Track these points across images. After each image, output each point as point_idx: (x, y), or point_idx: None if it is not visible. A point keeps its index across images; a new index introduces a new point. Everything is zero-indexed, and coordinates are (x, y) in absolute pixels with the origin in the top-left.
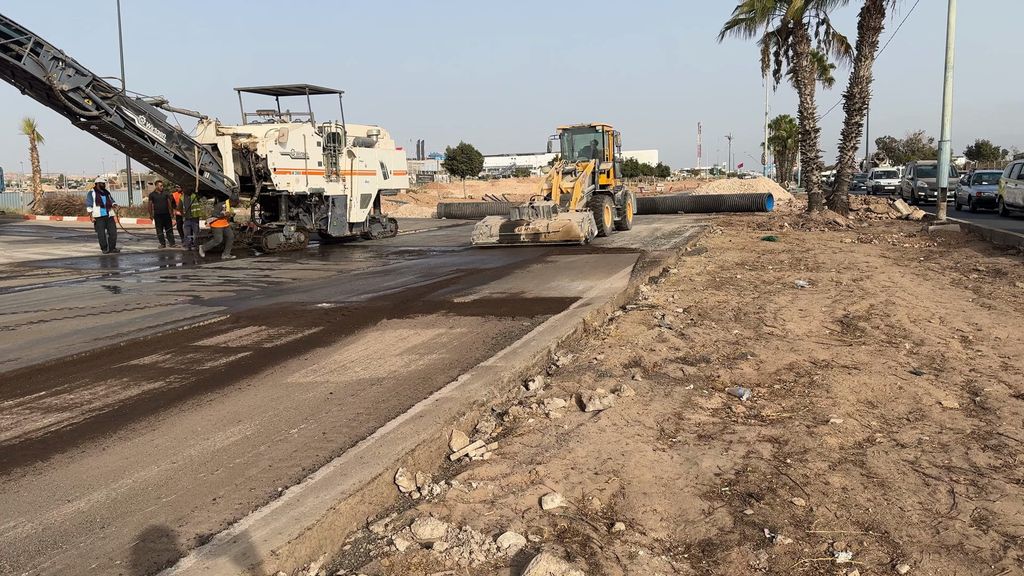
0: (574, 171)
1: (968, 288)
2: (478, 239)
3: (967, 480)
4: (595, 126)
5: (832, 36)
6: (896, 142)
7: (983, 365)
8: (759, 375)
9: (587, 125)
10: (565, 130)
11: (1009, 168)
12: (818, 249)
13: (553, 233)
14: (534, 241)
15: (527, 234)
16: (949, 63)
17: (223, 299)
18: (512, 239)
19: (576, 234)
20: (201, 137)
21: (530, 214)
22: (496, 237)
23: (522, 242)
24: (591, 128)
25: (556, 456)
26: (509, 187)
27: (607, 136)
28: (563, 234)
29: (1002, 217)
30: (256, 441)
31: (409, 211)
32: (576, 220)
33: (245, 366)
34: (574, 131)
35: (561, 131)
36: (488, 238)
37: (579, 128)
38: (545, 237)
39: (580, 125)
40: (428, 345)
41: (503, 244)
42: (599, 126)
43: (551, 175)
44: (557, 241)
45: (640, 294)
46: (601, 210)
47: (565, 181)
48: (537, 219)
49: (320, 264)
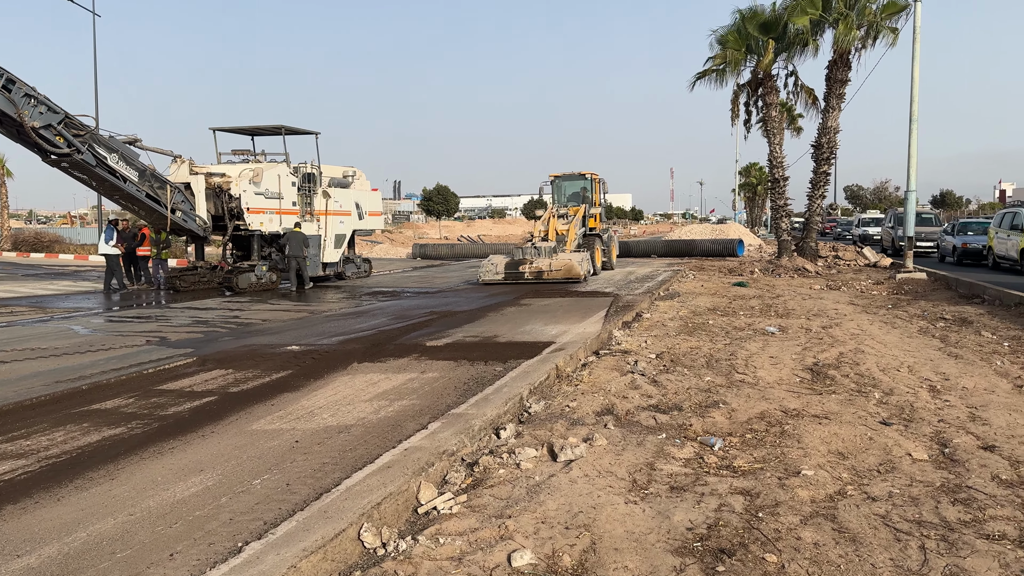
0: (567, 215)
1: (935, 336)
2: (484, 276)
3: (938, 535)
4: (584, 174)
5: (800, 88)
6: (864, 190)
7: (951, 415)
8: (731, 424)
9: (577, 173)
10: (556, 177)
11: (999, 217)
12: (788, 295)
13: (556, 271)
14: (537, 279)
15: (531, 272)
16: (913, 116)
17: (190, 340)
18: (517, 276)
19: (577, 272)
20: (174, 176)
21: (533, 253)
22: (502, 274)
23: (526, 279)
24: (580, 176)
25: (526, 509)
26: (485, 228)
27: (594, 183)
28: (564, 272)
29: (992, 270)
30: (217, 492)
31: (384, 251)
32: (576, 260)
33: (210, 412)
34: (564, 178)
35: (553, 178)
36: (495, 275)
37: (569, 176)
38: (548, 275)
39: (570, 173)
40: (399, 390)
41: (508, 281)
42: (588, 174)
43: (546, 218)
44: (559, 279)
45: (613, 339)
46: (593, 251)
47: (560, 224)
48: (540, 258)
49: (291, 305)
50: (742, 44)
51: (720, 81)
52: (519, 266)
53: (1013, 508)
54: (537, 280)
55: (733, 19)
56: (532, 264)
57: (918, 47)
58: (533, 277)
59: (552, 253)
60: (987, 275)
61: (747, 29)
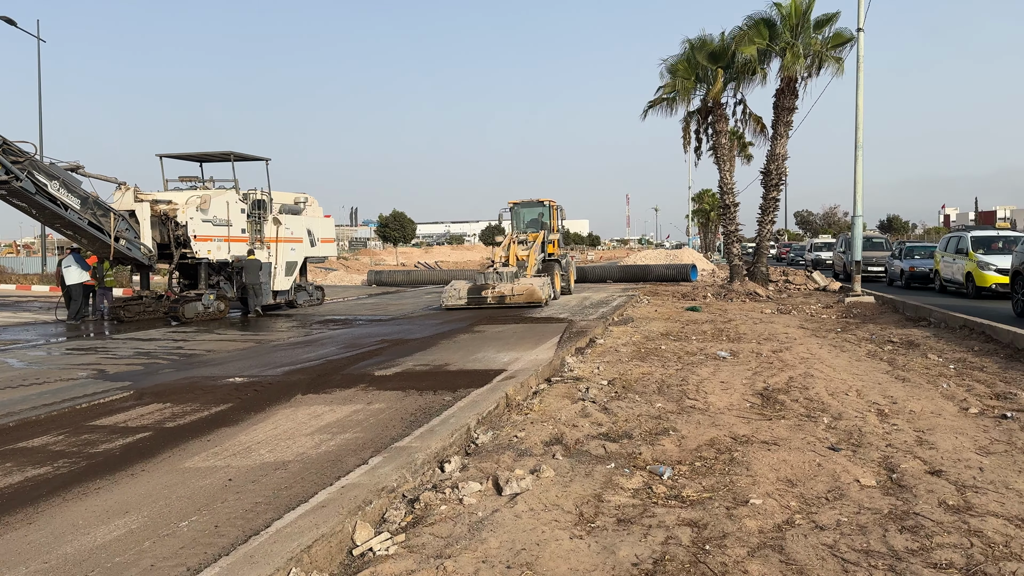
0: (526, 241)
1: (883, 360)
2: (447, 301)
3: (885, 565)
4: (542, 200)
5: (749, 116)
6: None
7: (899, 440)
8: (681, 452)
9: (535, 200)
10: (515, 204)
11: (944, 241)
12: (739, 320)
13: (518, 296)
14: (499, 303)
15: (493, 296)
16: (859, 143)
17: (130, 373)
18: (480, 300)
19: (539, 296)
20: (119, 203)
21: (495, 278)
22: (464, 299)
23: (488, 303)
24: (539, 202)
25: (467, 548)
26: (443, 254)
27: (552, 210)
28: (527, 296)
29: (939, 294)
30: (141, 536)
31: (339, 278)
32: (538, 284)
33: (142, 448)
34: (523, 205)
35: (512, 205)
36: (457, 300)
37: (527, 202)
38: (511, 299)
39: (529, 200)
40: (342, 423)
41: (471, 306)
42: (546, 200)
43: (506, 244)
44: (521, 303)
45: (566, 366)
46: (552, 276)
47: (520, 250)
48: (502, 283)
49: (238, 334)
50: (692, 73)
51: (671, 109)
52: (482, 291)
53: (959, 535)
54: (500, 304)
55: (683, 48)
56: (495, 289)
57: (862, 76)
58: (496, 301)
59: (514, 278)
60: (934, 298)
61: (696, 58)
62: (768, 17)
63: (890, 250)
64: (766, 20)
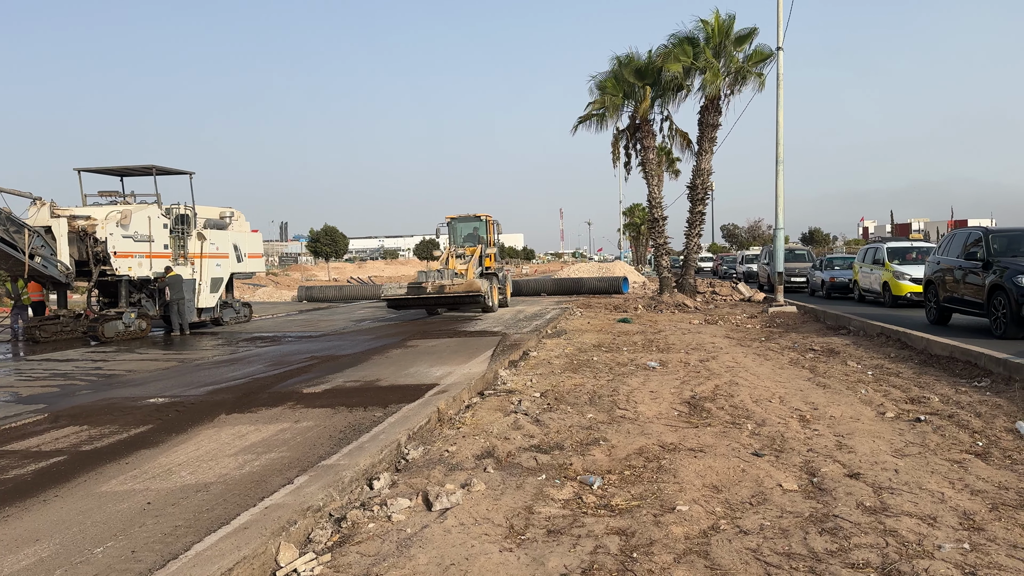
0: (464, 255)
1: (805, 367)
2: (387, 292)
3: (806, 567)
4: (479, 215)
5: (675, 132)
6: (739, 229)
7: (820, 445)
8: (610, 461)
9: (472, 215)
10: (452, 219)
11: (862, 252)
12: (669, 330)
13: (456, 286)
14: (439, 293)
15: (434, 287)
16: (779, 157)
17: (44, 395)
18: (419, 291)
19: (478, 287)
20: (34, 219)
21: (436, 277)
22: (404, 290)
23: (428, 294)
24: (475, 217)
25: (395, 565)
26: (376, 269)
27: (488, 224)
28: (466, 287)
29: (858, 303)
30: (52, 564)
31: (268, 295)
32: (478, 279)
33: (56, 473)
34: (459, 219)
35: (449, 219)
36: (397, 291)
37: (464, 217)
38: (450, 289)
39: (466, 215)
40: (268, 443)
41: (410, 295)
42: (482, 215)
43: (444, 258)
44: (460, 293)
45: (499, 379)
46: (491, 288)
47: (459, 263)
48: (442, 279)
49: (161, 353)
50: (620, 90)
51: (601, 125)
52: (421, 284)
53: (876, 535)
54: (439, 294)
55: (611, 65)
56: (435, 282)
57: (781, 93)
58: (435, 291)
59: (453, 277)
60: (853, 307)
61: (624, 75)
62: (692, 35)
63: (812, 261)
64: (690, 39)
